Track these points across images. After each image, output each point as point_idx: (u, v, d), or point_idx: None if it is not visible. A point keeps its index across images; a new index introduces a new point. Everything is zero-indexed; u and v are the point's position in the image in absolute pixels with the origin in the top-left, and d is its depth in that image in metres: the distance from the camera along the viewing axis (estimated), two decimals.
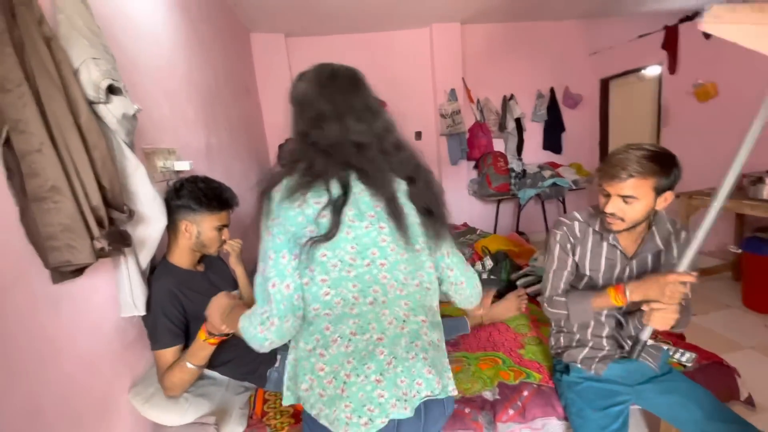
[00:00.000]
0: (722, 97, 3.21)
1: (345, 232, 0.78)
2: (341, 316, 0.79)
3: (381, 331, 0.80)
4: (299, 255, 0.77)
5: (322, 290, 0.78)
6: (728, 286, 3.05)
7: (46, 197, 0.86)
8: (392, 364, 0.78)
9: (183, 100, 1.99)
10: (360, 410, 0.75)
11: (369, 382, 0.76)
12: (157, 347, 1.20)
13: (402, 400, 0.77)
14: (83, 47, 1.02)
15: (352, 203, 0.79)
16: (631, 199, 1.10)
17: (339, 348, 0.78)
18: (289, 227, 0.76)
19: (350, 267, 0.78)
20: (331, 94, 0.84)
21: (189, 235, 1.30)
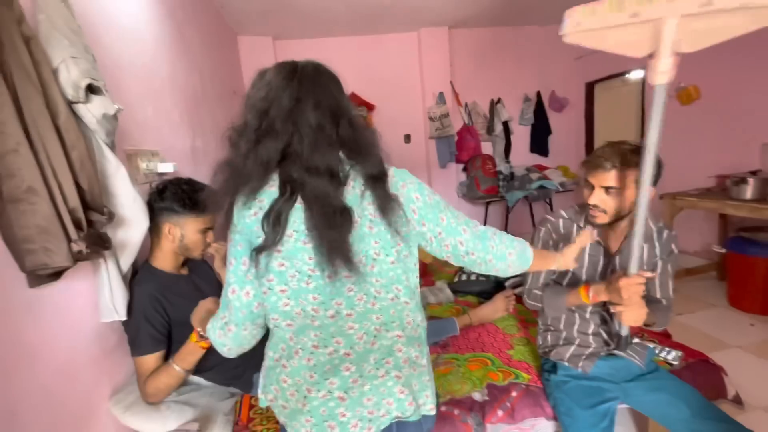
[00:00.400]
0: (704, 99, 3.28)
1: (302, 242, 0.73)
2: (303, 327, 0.76)
3: (349, 346, 0.76)
4: (257, 264, 0.74)
5: (281, 301, 0.75)
6: (713, 285, 3.10)
7: (22, 198, 0.84)
8: (358, 383, 0.75)
9: (167, 101, 1.97)
10: (321, 425, 0.73)
11: (332, 398, 0.74)
12: (138, 353, 1.17)
13: (366, 420, 0.74)
14: (63, 47, 1.00)
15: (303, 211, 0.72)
16: (613, 190, 1.13)
17: (300, 360, 0.76)
18: (247, 235, 0.74)
19: (309, 278, 0.74)
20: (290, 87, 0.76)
21: (172, 238, 1.27)
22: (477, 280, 2.25)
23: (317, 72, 0.79)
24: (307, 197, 0.72)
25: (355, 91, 4.11)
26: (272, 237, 0.71)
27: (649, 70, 0.90)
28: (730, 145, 3.12)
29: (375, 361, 0.77)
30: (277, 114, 0.73)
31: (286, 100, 0.74)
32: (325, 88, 0.77)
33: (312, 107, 0.74)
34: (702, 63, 3.24)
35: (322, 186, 0.72)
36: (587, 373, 1.30)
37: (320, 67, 0.80)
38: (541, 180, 4.20)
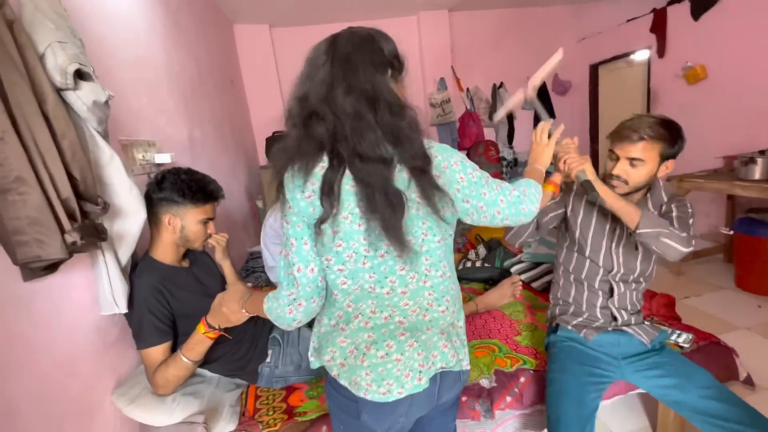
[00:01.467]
0: (711, 78, 3.21)
1: (356, 224, 0.76)
2: (360, 296, 0.81)
3: (403, 316, 0.82)
4: (320, 234, 0.77)
5: (339, 279, 0.80)
6: (720, 268, 3.06)
7: (10, 188, 0.81)
8: (413, 347, 0.80)
9: (163, 91, 1.92)
10: (379, 381, 0.79)
11: (390, 360, 0.79)
12: (143, 346, 1.15)
13: (416, 371, 0.80)
14: (48, 31, 0.96)
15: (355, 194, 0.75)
16: (638, 161, 1.15)
17: (359, 323, 0.81)
18: (303, 217, 0.78)
19: (365, 258, 0.78)
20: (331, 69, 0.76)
21: (173, 228, 1.24)
22: (482, 267, 2.22)
23: (352, 48, 0.77)
24: (361, 181, 0.74)
25: None
26: (329, 207, 0.74)
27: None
28: (738, 124, 3.06)
29: (430, 332, 0.83)
30: (315, 99, 0.75)
31: (319, 86, 0.75)
32: (357, 68, 0.75)
33: (344, 92, 0.73)
34: (709, 42, 3.16)
35: (374, 171, 0.74)
36: (588, 340, 1.29)
37: (355, 41, 0.78)
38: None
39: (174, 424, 1.10)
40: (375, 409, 0.81)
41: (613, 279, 1.30)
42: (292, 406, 1.29)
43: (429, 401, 0.85)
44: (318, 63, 0.77)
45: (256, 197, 3.47)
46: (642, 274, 1.29)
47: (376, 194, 0.73)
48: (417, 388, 0.80)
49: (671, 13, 3.45)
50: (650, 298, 1.71)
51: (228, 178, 2.86)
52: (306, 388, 1.38)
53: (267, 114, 4.04)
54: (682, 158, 3.51)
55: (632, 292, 1.31)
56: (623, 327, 1.29)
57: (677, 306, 1.75)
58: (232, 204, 2.82)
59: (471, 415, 1.25)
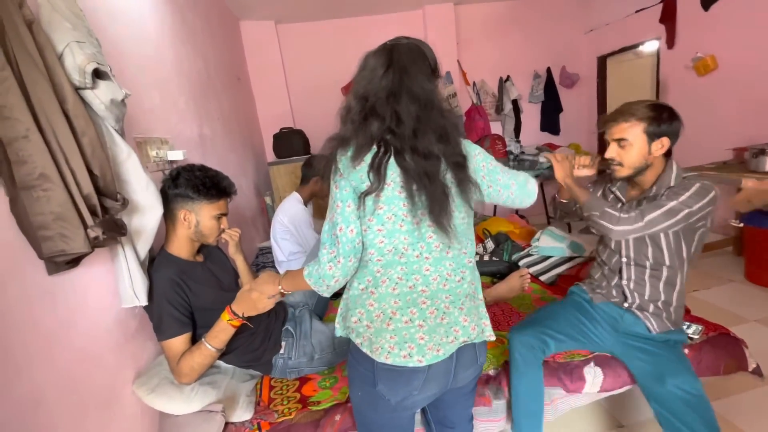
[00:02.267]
0: (721, 69, 3.16)
1: (397, 191, 0.87)
2: (391, 262, 0.90)
3: (425, 284, 0.91)
4: (360, 206, 0.88)
5: (377, 238, 0.89)
6: (730, 260, 3.04)
7: (35, 185, 0.83)
8: (434, 314, 0.90)
9: (173, 88, 1.95)
10: (401, 345, 0.87)
11: (413, 326, 0.88)
12: (164, 337, 1.18)
13: (437, 343, 0.88)
14: (66, 30, 0.98)
15: (399, 167, 0.87)
16: (624, 142, 1.23)
17: (387, 288, 0.90)
18: (352, 182, 0.88)
19: (402, 222, 0.88)
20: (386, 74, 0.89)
21: (188, 224, 1.27)
22: (491, 260, 2.24)
23: (408, 59, 0.90)
24: (412, 171, 0.86)
25: None
26: (376, 183, 0.86)
27: None
28: (749, 116, 3.02)
29: (448, 300, 0.92)
30: (376, 102, 0.88)
31: (383, 93, 0.88)
32: (416, 78, 0.89)
33: (408, 100, 0.87)
34: (719, 32, 3.12)
35: (430, 166, 0.87)
36: (595, 303, 1.38)
37: (411, 53, 0.91)
38: None
39: (193, 413, 1.14)
40: (390, 379, 0.89)
41: (625, 261, 1.35)
42: (306, 396, 1.32)
43: (445, 378, 0.92)
44: (378, 71, 0.89)
45: (264, 193, 3.50)
46: (656, 260, 1.28)
47: (430, 185, 0.86)
48: (435, 358, 0.87)
49: (681, 3, 3.40)
50: None
51: (237, 174, 2.89)
52: (319, 379, 1.41)
53: (274, 110, 4.06)
54: (692, 150, 3.46)
55: (649, 279, 1.30)
56: (634, 309, 1.32)
57: (687, 299, 1.75)
58: (240, 200, 2.85)
59: (482, 402, 1.27)
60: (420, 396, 0.92)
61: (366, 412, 1.00)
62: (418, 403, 0.94)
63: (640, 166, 1.24)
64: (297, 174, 3.26)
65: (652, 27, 3.67)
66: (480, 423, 1.29)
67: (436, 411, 1.10)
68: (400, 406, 0.92)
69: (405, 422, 1.01)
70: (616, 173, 1.28)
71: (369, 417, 1.00)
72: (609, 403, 1.70)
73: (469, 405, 1.10)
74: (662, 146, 1.21)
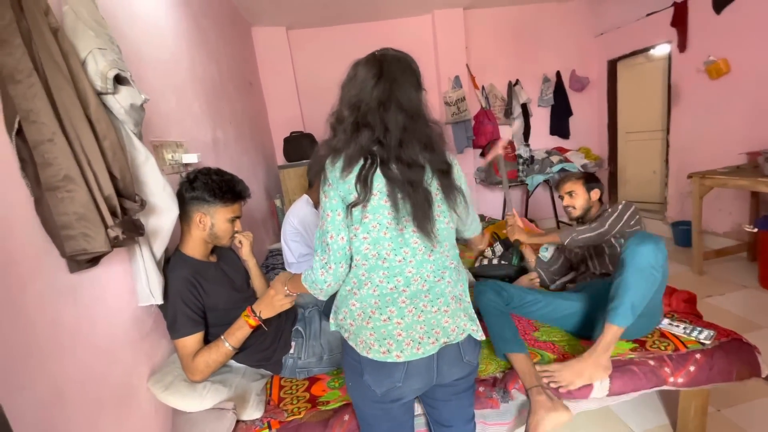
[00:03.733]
0: (734, 72, 3.13)
1: (383, 201, 0.92)
2: (374, 266, 0.95)
3: (406, 285, 0.95)
4: (350, 215, 0.93)
5: (363, 245, 0.94)
6: (744, 266, 3.00)
7: (59, 186, 0.87)
8: (413, 312, 0.94)
9: (188, 93, 2.00)
10: (381, 341, 0.92)
11: (391, 323, 0.93)
12: (178, 336, 1.21)
13: (417, 341, 0.92)
14: (89, 38, 1.02)
15: (384, 177, 0.92)
16: (573, 192, 1.85)
17: (368, 290, 0.95)
18: (340, 192, 0.94)
19: (386, 229, 0.93)
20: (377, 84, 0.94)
21: (203, 226, 1.30)
22: (499, 264, 2.24)
23: (398, 70, 0.95)
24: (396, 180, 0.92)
25: None
26: (363, 194, 0.91)
27: None
28: (763, 119, 2.98)
29: (428, 299, 0.95)
30: (367, 111, 0.93)
31: (374, 103, 0.93)
32: (406, 90, 0.94)
33: (396, 109, 0.92)
34: (732, 35, 3.09)
35: (414, 174, 0.92)
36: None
37: (400, 65, 0.96)
38: (563, 163, 4.11)
39: (205, 410, 1.16)
40: (374, 370, 0.94)
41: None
42: (315, 396, 1.34)
43: (428, 374, 0.96)
44: (369, 81, 0.94)
45: (274, 196, 3.54)
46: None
47: (414, 192, 0.92)
48: (414, 356, 0.92)
49: (692, 6, 3.38)
50: (670, 295, 1.70)
51: (248, 177, 2.93)
52: (328, 379, 1.42)
53: (284, 115, 4.11)
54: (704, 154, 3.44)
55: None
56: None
57: (699, 305, 1.74)
58: (251, 203, 2.87)
59: (489, 404, 1.27)
60: (405, 388, 0.96)
61: (358, 402, 1.07)
62: (405, 395, 0.98)
63: (588, 208, 1.83)
64: (306, 177, 3.30)
65: (664, 30, 3.64)
66: (488, 426, 1.29)
67: (432, 410, 1.13)
68: (386, 397, 0.97)
69: (398, 416, 1.05)
70: (572, 214, 1.86)
71: (362, 408, 1.06)
72: (621, 409, 1.69)
73: (466, 405, 1.11)
74: (596, 193, 1.83)
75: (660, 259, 1.27)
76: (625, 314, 1.26)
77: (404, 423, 1.07)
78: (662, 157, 4.03)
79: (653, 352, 1.40)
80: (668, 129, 3.83)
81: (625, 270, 1.28)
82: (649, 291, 1.27)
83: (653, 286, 1.27)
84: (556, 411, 1.18)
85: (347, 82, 0.98)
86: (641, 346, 1.43)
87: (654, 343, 1.44)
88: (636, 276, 1.26)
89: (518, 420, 1.32)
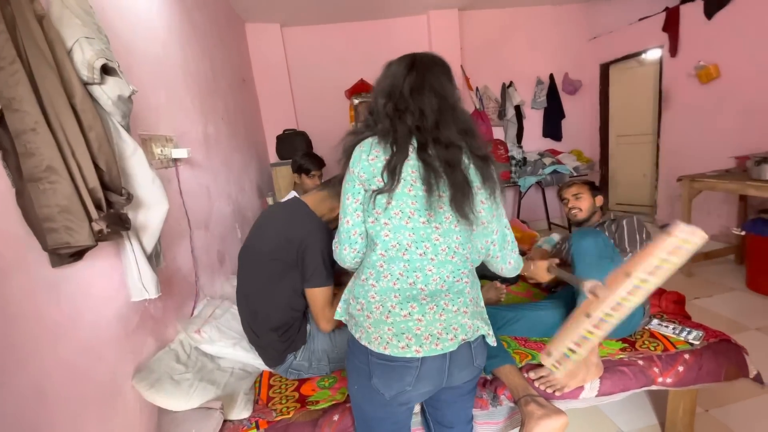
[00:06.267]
0: (724, 77, 3.18)
1: (407, 189, 0.90)
2: (394, 258, 0.92)
3: (425, 283, 0.92)
4: (370, 201, 0.92)
5: (383, 231, 0.92)
6: (731, 269, 3.04)
7: (42, 177, 0.84)
8: (434, 310, 0.91)
9: (180, 88, 1.97)
10: (399, 336, 0.89)
11: (412, 319, 0.90)
12: (318, 285, 1.27)
13: (435, 337, 0.89)
14: (76, 26, 0.99)
15: (415, 165, 0.90)
16: (579, 194, 1.83)
17: (388, 283, 0.92)
18: (362, 174, 0.92)
19: (409, 219, 0.90)
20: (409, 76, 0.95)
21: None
22: None
23: (431, 63, 0.97)
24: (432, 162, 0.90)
25: (363, 77, 4.07)
26: (390, 183, 0.89)
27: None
28: (751, 124, 3.03)
29: (449, 298, 0.93)
30: (401, 98, 0.94)
31: (407, 88, 0.94)
32: (439, 77, 0.95)
33: (429, 93, 0.93)
34: (722, 40, 3.13)
35: (448, 154, 0.91)
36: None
37: (434, 59, 0.99)
38: (555, 165, 4.14)
39: (192, 410, 1.14)
40: (384, 373, 0.91)
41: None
42: (305, 395, 1.32)
43: (439, 376, 0.93)
44: (402, 71, 0.96)
45: (266, 194, 3.51)
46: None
47: (452, 173, 0.90)
48: (433, 351, 0.88)
49: (684, 12, 3.42)
50: (659, 295, 1.71)
51: (240, 174, 2.90)
52: (317, 379, 1.41)
53: (277, 112, 4.08)
54: (694, 158, 3.48)
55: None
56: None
57: (687, 306, 1.75)
58: (243, 200, 2.86)
59: (479, 404, 1.27)
60: (414, 392, 0.93)
61: (363, 406, 1.02)
62: (413, 398, 0.96)
63: (593, 212, 1.82)
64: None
65: (656, 35, 3.69)
66: (478, 426, 1.28)
67: (434, 411, 1.11)
68: (395, 401, 0.94)
69: (402, 417, 1.02)
70: (577, 217, 1.82)
71: (366, 411, 1.02)
72: (610, 409, 1.69)
73: (469, 406, 1.10)
74: (599, 200, 1.84)
75: (602, 249, 1.34)
76: None
77: (405, 424, 1.06)
78: (653, 160, 4.07)
79: (642, 352, 1.41)
80: (659, 132, 3.88)
81: (577, 265, 1.37)
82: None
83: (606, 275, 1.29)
84: (549, 418, 1.14)
85: (381, 78, 1.00)
86: (631, 346, 1.44)
87: (643, 344, 1.45)
88: (586, 268, 1.31)
89: (509, 422, 1.31)
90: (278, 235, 1.32)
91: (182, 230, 1.71)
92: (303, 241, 1.27)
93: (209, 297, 1.80)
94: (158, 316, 1.38)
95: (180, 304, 1.59)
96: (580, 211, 1.81)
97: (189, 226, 1.76)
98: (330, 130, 4.39)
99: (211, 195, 2.17)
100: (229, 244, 2.35)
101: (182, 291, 1.63)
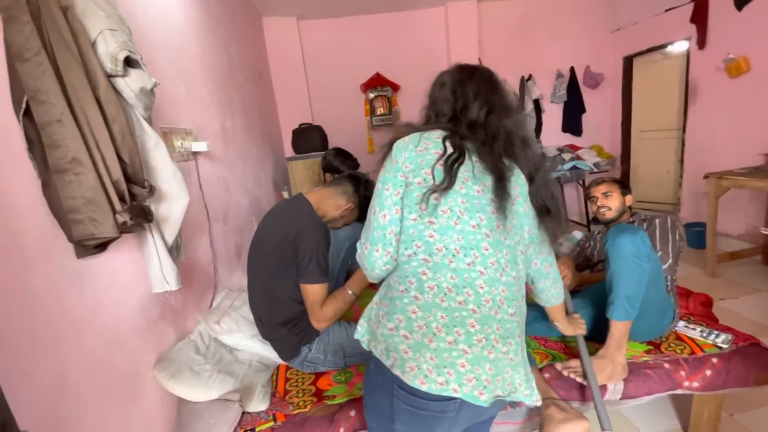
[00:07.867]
0: (754, 71, 3.04)
1: (458, 187, 0.82)
2: (440, 265, 0.79)
3: (477, 304, 0.78)
4: (423, 201, 0.81)
5: (427, 231, 0.81)
6: (758, 270, 2.93)
7: (67, 169, 0.85)
8: (482, 344, 0.76)
9: (198, 80, 1.97)
10: (440, 369, 0.74)
11: (456, 349, 0.75)
12: (313, 281, 1.26)
13: (482, 383, 0.75)
14: (99, 18, 0.99)
15: (468, 165, 0.85)
16: (608, 193, 1.71)
17: (434, 298, 0.78)
18: (407, 165, 0.85)
19: (458, 219, 0.81)
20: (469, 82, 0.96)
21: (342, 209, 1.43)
22: None
23: (490, 75, 0.98)
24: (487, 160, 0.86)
25: (379, 71, 4.04)
26: (447, 181, 0.81)
27: None
28: None
29: (499, 332, 0.79)
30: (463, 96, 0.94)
31: (472, 97, 0.93)
32: (500, 91, 0.96)
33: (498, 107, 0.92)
34: (752, 32, 3.00)
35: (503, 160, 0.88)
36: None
37: (490, 72, 1.00)
38: (574, 160, 4.04)
39: (210, 401, 1.14)
40: (410, 421, 0.77)
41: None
42: (321, 390, 1.32)
43: (470, 420, 0.83)
44: (464, 81, 0.96)
45: (282, 187, 3.52)
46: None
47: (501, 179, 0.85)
48: (473, 399, 0.74)
49: (713, 3, 3.28)
50: (686, 297, 1.66)
51: (256, 168, 2.91)
52: (334, 373, 1.41)
53: (293, 106, 4.08)
54: (722, 154, 3.36)
55: None
56: None
57: (712, 307, 1.70)
58: (259, 193, 2.87)
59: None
60: None
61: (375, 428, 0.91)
62: None
63: (622, 211, 1.71)
64: (315, 170, 3.26)
65: (683, 27, 3.55)
66: (496, 425, 1.27)
67: None
68: None
69: None
70: (605, 216, 1.71)
71: None
72: (632, 412, 1.65)
73: (489, 425, 1.03)
74: (629, 199, 1.74)
75: (640, 248, 1.27)
76: (622, 306, 1.24)
77: None
78: (677, 156, 3.94)
79: (668, 354, 1.36)
80: (684, 128, 3.75)
81: (610, 263, 1.30)
82: (640, 280, 1.25)
83: (641, 275, 1.25)
84: (570, 422, 1.08)
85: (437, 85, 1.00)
86: (656, 349, 1.40)
87: (669, 346, 1.40)
88: (621, 266, 1.26)
89: (527, 423, 1.29)
90: (278, 231, 1.32)
91: (202, 223, 1.72)
92: (298, 236, 1.26)
93: (227, 289, 1.82)
94: (178, 308, 1.39)
95: (199, 296, 1.61)
96: (609, 210, 1.70)
97: (208, 218, 1.77)
98: (345, 125, 4.41)
99: (229, 188, 2.18)
100: (246, 237, 2.36)
101: (201, 283, 1.65)
